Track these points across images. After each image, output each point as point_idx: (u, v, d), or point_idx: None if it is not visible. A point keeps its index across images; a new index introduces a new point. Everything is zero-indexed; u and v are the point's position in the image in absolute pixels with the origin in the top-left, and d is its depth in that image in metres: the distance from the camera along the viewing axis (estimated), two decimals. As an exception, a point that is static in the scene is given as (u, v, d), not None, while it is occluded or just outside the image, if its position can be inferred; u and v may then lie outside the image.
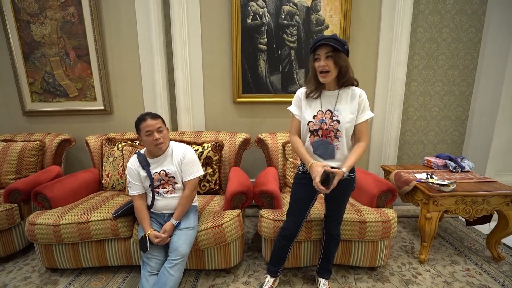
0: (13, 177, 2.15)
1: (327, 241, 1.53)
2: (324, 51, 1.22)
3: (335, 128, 1.29)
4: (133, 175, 1.52)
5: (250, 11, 2.29)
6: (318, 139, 1.33)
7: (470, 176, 1.97)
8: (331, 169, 1.26)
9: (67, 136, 2.40)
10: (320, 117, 1.32)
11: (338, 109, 1.29)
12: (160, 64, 2.36)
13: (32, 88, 2.50)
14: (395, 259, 1.90)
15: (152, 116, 1.47)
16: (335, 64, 1.23)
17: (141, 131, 1.45)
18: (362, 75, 2.42)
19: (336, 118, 1.29)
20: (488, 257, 1.91)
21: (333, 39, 1.20)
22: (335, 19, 2.29)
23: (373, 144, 2.55)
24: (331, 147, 1.31)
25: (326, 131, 1.31)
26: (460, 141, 2.63)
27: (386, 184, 1.75)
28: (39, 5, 2.33)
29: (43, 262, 1.73)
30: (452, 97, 2.53)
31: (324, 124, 1.30)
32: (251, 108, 2.51)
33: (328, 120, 1.30)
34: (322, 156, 1.34)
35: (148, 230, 1.46)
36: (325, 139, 1.32)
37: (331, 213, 1.48)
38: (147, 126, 1.43)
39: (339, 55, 1.21)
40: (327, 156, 1.33)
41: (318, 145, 1.33)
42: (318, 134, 1.32)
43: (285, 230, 1.50)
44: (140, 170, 1.51)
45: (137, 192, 1.53)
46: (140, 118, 1.47)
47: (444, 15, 2.36)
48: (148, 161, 1.52)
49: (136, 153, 1.56)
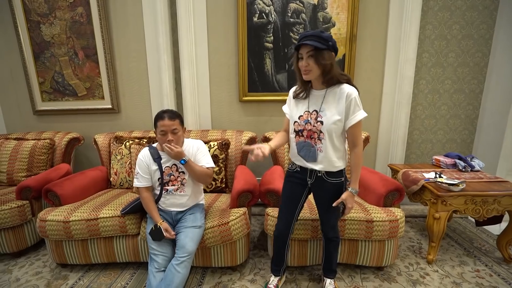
0: (24, 174, 2.20)
1: (326, 244, 1.51)
2: (306, 50, 1.16)
3: (318, 130, 1.24)
4: (142, 167, 1.53)
5: (256, 9, 2.28)
6: (302, 140, 1.30)
7: (480, 175, 1.93)
8: (344, 201, 1.29)
9: (76, 135, 2.44)
10: (305, 117, 1.28)
11: (323, 110, 1.23)
12: (167, 63, 2.38)
13: (42, 87, 2.55)
14: (403, 259, 1.88)
15: (170, 116, 1.45)
16: (316, 63, 1.16)
17: (157, 128, 1.47)
18: (370, 73, 2.40)
19: (320, 119, 1.23)
20: (499, 258, 1.87)
21: (315, 37, 1.13)
22: (342, 16, 2.27)
23: (381, 142, 2.52)
24: (313, 149, 1.28)
25: (310, 132, 1.27)
26: (470, 140, 2.58)
27: (394, 183, 1.73)
28: (49, 6, 2.37)
29: (53, 258, 1.77)
30: (462, 95, 2.48)
31: (309, 125, 1.26)
32: (257, 107, 2.51)
33: (313, 120, 1.25)
34: (304, 158, 1.31)
35: (160, 220, 1.49)
36: (308, 141, 1.28)
37: (322, 217, 1.46)
38: (163, 125, 1.44)
39: (321, 53, 1.14)
40: (310, 159, 1.30)
41: (301, 146, 1.31)
42: (303, 135, 1.29)
43: (276, 231, 1.50)
44: (150, 163, 1.53)
45: (144, 185, 1.54)
46: (159, 115, 1.47)
47: (454, 11, 2.31)
48: (160, 155, 1.54)
49: (148, 146, 1.59)
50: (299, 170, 1.38)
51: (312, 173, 1.34)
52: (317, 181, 1.34)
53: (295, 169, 1.38)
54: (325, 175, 1.31)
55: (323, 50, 1.14)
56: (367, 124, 2.49)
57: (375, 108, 2.47)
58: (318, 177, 1.33)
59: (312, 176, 1.35)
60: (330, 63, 1.18)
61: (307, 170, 1.35)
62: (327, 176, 1.31)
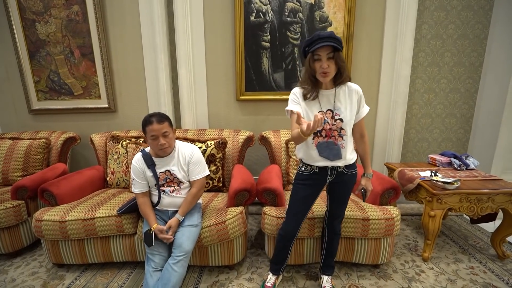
0: (19, 174, 2.18)
1: (330, 238, 1.53)
2: (326, 52, 1.17)
3: (338, 127, 1.28)
4: (137, 173, 1.53)
5: (253, 8, 2.28)
6: (323, 141, 1.30)
7: (475, 174, 1.96)
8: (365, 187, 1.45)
9: (72, 134, 2.43)
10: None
11: (339, 108, 1.28)
12: (164, 62, 2.37)
13: (37, 86, 2.53)
14: (399, 257, 1.89)
15: (158, 120, 1.43)
16: (336, 65, 1.20)
17: (147, 134, 1.44)
18: (366, 72, 2.41)
19: (338, 117, 1.28)
20: (493, 256, 1.90)
21: (332, 38, 1.15)
22: (339, 16, 2.28)
23: (377, 141, 2.54)
24: (336, 147, 1.29)
25: (329, 131, 1.29)
26: (465, 139, 2.61)
27: (389, 182, 1.74)
28: (44, 4, 2.34)
29: (50, 258, 1.76)
30: (458, 95, 2.50)
31: (327, 125, 1.28)
32: (254, 106, 2.51)
33: (330, 119, 1.28)
34: (328, 158, 1.31)
35: (154, 224, 1.48)
36: (330, 140, 1.30)
37: (335, 211, 1.49)
38: (153, 130, 1.41)
39: (339, 54, 1.18)
40: (334, 157, 1.30)
41: (323, 147, 1.30)
42: (322, 135, 1.30)
43: (285, 231, 1.49)
44: (145, 169, 1.52)
45: (141, 190, 1.54)
46: (147, 120, 1.44)
47: (450, 11, 2.32)
48: (154, 161, 1.53)
49: (141, 151, 1.56)
50: (317, 171, 1.36)
51: (333, 170, 1.35)
52: (337, 177, 1.37)
53: (312, 171, 1.36)
54: (345, 169, 1.36)
55: (340, 52, 1.19)
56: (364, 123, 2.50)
57: (371, 107, 2.44)
58: (339, 172, 1.36)
59: (333, 173, 1.36)
60: (345, 64, 1.23)
61: (328, 169, 1.35)
62: (346, 169, 1.36)
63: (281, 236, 1.51)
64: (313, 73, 1.23)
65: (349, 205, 1.70)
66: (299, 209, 1.44)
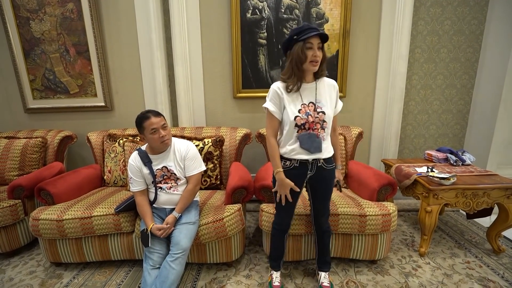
0: (16, 173, 2.17)
1: (320, 236, 1.54)
2: (317, 41, 1.21)
3: (321, 120, 1.30)
4: (134, 172, 1.53)
5: (250, 5, 2.27)
6: (305, 133, 1.30)
7: (471, 169, 1.97)
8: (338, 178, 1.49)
9: (69, 133, 2.41)
10: (304, 110, 1.29)
11: (320, 101, 1.31)
12: (160, 60, 2.36)
13: (33, 85, 2.51)
14: (396, 252, 1.91)
15: (155, 114, 1.47)
16: (323, 55, 1.26)
17: (145, 130, 1.45)
18: (363, 68, 2.41)
19: (320, 109, 1.30)
20: (488, 250, 1.92)
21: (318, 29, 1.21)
22: (335, 12, 2.27)
23: (374, 138, 2.54)
24: (318, 140, 1.30)
25: (312, 124, 1.29)
26: (461, 135, 2.62)
27: (386, 178, 1.75)
28: (38, 2, 2.32)
29: (47, 257, 1.76)
30: (454, 90, 2.51)
31: (310, 117, 1.28)
32: (251, 103, 2.51)
33: (313, 112, 1.29)
34: (309, 150, 1.31)
35: (150, 224, 1.48)
36: (312, 132, 1.30)
37: (319, 208, 1.49)
38: (152, 124, 1.43)
39: (324, 46, 1.26)
40: (314, 150, 1.31)
41: (305, 138, 1.30)
42: (305, 128, 1.30)
43: (277, 224, 1.52)
44: (142, 167, 1.52)
45: (139, 188, 1.54)
46: (143, 116, 1.46)
47: (446, 7, 2.33)
48: (150, 158, 1.53)
49: (137, 150, 1.57)
50: (297, 165, 1.35)
51: (313, 164, 1.35)
52: (317, 172, 1.37)
53: (292, 165, 1.35)
54: (324, 163, 1.37)
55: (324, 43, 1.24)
56: (361, 120, 2.51)
57: (368, 103, 2.48)
58: (318, 167, 1.36)
59: (313, 168, 1.36)
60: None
61: (308, 163, 1.35)
62: (326, 164, 1.37)
63: (275, 230, 1.53)
64: (302, 61, 1.23)
65: (346, 201, 1.72)
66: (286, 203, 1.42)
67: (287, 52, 1.30)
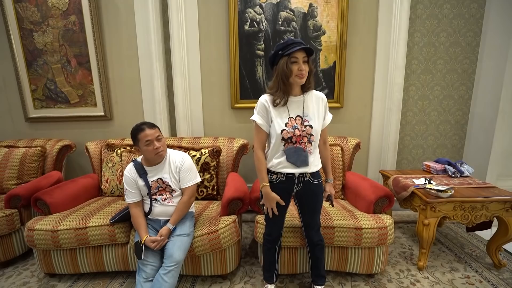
0: (14, 182, 2.18)
1: (312, 249, 1.52)
2: (302, 55, 1.23)
3: (308, 133, 1.29)
4: (130, 183, 1.53)
5: (248, 17, 2.31)
6: (292, 146, 1.30)
7: (469, 181, 1.95)
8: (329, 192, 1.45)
9: (68, 142, 2.43)
10: (291, 124, 1.30)
11: (307, 114, 1.31)
12: (159, 71, 2.40)
13: (34, 94, 2.55)
14: (394, 266, 1.88)
15: (149, 126, 1.49)
16: (309, 68, 1.27)
17: (140, 141, 1.46)
18: (360, 79, 2.42)
19: (308, 123, 1.30)
20: (489, 264, 1.88)
21: (304, 44, 1.22)
22: (332, 24, 2.31)
23: (372, 149, 2.54)
24: (304, 154, 1.30)
25: (299, 137, 1.29)
26: (460, 146, 2.61)
27: (383, 190, 1.74)
28: (42, 14, 2.38)
29: (41, 268, 1.75)
30: (451, 101, 2.51)
31: (297, 131, 1.29)
32: (249, 114, 2.49)
33: (300, 126, 1.30)
34: (295, 164, 1.30)
35: (144, 236, 1.47)
36: (299, 146, 1.30)
37: (308, 221, 1.47)
38: (146, 136, 1.45)
39: (310, 60, 1.26)
40: (301, 164, 1.30)
41: (292, 152, 1.30)
42: (292, 141, 1.30)
43: (268, 234, 1.51)
44: (137, 178, 1.53)
45: (134, 200, 1.55)
46: (138, 128, 1.47)
47: (442, 19, 2.35)
48: (146, 170, 1.53)
49: (132, 161, 1.58)
50: (283, 180, 1.34)
51: (300, 179, 1.35)
52: (304, 186, 1.37)
53: (279, 179, 1.35)
54: (311, 178, 1.36)
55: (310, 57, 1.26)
56: (359, 130, 2.51)
57: (366, 114, 2.49)
58: (305, 181, 1.36)
59: (300, 182, 1.35)
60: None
61: (294, 178, 1.34)
62: (313, 178, 1.37)
63: (266, 240, 1.52)
64: (288, 76, 1.24)
65: (342, 214, 1.70)
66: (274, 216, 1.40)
67: (273, 67, 1.32)
